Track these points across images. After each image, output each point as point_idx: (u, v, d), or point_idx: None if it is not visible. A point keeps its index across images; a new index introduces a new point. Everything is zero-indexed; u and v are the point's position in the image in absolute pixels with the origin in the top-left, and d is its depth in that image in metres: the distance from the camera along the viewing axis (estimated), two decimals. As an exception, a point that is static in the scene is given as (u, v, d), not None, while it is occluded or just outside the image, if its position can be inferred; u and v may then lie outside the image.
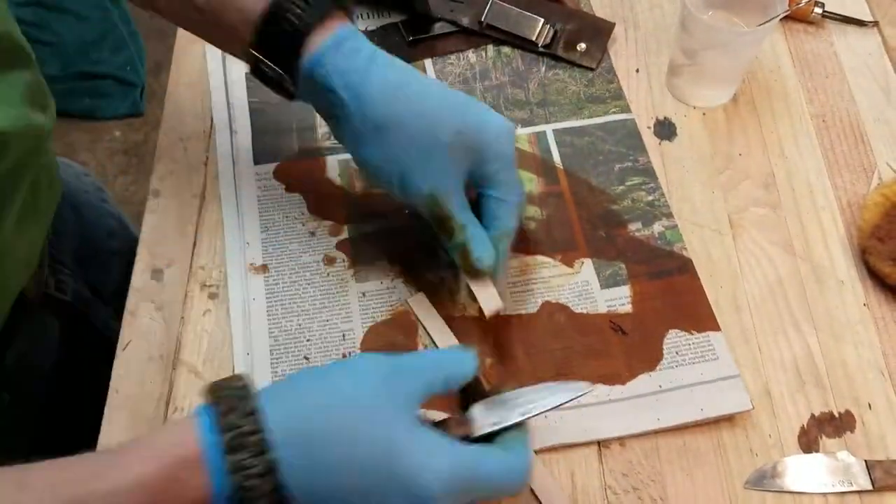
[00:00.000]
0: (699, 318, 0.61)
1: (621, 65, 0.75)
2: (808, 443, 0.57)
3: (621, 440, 0.56)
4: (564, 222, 0.66)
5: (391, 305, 0.61)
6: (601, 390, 0.57)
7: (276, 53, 0.53)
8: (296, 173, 0.68)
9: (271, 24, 0.52)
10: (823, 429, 0.57)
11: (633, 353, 0.59)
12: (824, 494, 0.55)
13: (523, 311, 0.61)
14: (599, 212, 0.66)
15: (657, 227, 0.65)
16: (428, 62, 0.75)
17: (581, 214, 0.66)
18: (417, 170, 0.53)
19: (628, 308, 0.61)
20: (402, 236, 0.64)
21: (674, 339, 0.60)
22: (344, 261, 0.63)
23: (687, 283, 0.63)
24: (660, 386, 0.58)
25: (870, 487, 0.55)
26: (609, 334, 0.60)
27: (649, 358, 0.59)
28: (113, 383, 0.58)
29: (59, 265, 0.70)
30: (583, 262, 0.64)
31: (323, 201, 0.66)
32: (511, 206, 0.56)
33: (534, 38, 0.74)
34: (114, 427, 0.56)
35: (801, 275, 0.64)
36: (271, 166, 0.68)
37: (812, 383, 0.59)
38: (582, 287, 0.62)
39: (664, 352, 0.59)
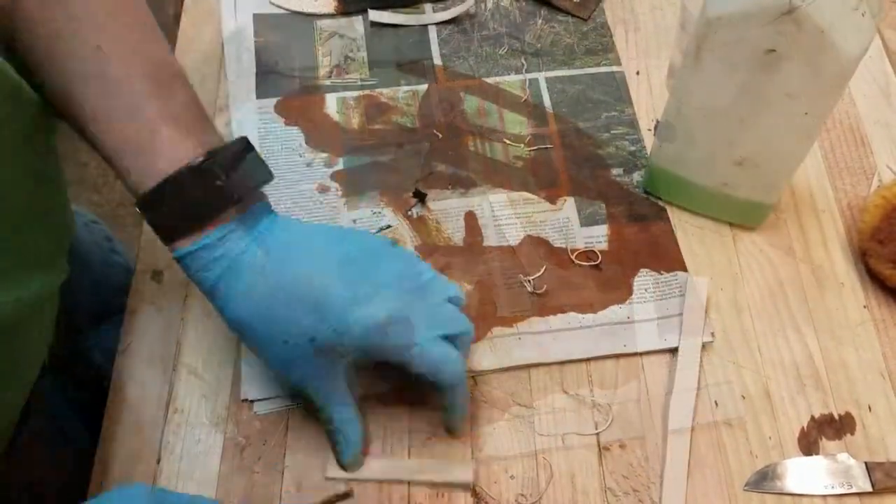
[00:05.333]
0: (669, 259, 0.64)
1: (623, 63, 0.75)
2: (808, 445, 0.57)
3: (621, 442, 0.56)
4: (550, 162, 0.69)
5: (379, 231, 0.65)
6: (573, 317, 0.61)
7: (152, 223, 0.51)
8: (296, 108, 0.71)
9: (148, 209, 0.50)
10: (823, 431, 0.58)
11: (605, 287, 0.63)
12: (824, 496, 0.55)
13: (505, 244, 0.65)
14: (584, 154, 0.70)
15: (636, 177, 0.69)
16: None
17: (567, 155, 0.70)
18: (279, 366, 0.52)
19: (604, 246, 0.65)
20: (391, 169, 0.68)
21: (644, 278, 0.63)
22: (337, 190, 0.67)
23: (660, 228, 0.66)
24: (628, 317, 0.61)
25: (870, 489, 0.55)
26: (584, 269, 0.63)
27: (620, 292, 0.63)
28: (113, 385, 0.58)
29: (74, 331, 0.69)
30: (565, 200, 0.67)
31: (320, 135, 0.70)
32: (434, 375, 0.51)
33: None
34: (114, 428, 0.56)
35: (802, 277, 0.64)
36: (272, 101, 0.72)
37: (812, 385, 0.59)
38: (563, 223, 0.66)
39: (634, 288, 0.63)
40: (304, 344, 0.49)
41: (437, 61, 0.75)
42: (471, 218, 0.66)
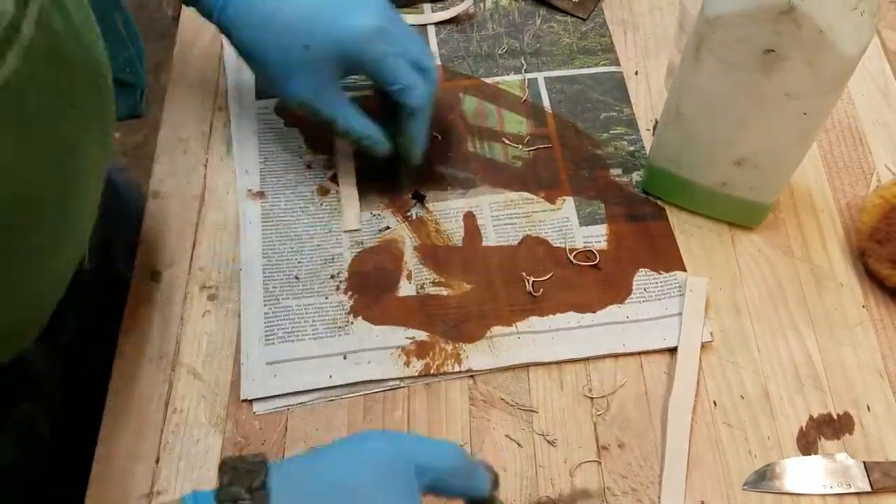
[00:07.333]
0: (668, 259, 0.64)
1: (622, 63, 0.75)
2: (806, 444, 0.57)
3: (620, 442, 0.57)
4: (550, 162, 0.69)
5: (379, 233, 0.65)
6: (572, 317, 0.61)
7: None
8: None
9: None
10: (822, 430, 0.58)
11: (604, 286, 0.63)
12: (822, 496, 0.55)
13: (505, 244, 0.65)
14: (584, 154, 0.70)
15: (635, 176, 0.69)
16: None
17: (566, 155, 0.70)
18: (282, 82, 0.59)
19: (603, 245, 0.65)
20: (390, 170, 0.68)
21: (643, 277, 0.63)
22: (337, 192, 0.67)
23: (659, 228, 0.66)
24: (627, 317, 0.61)
25: (868, 489, 0.55)
26: (583, 268, 0.64)
27: (619, 292, 0.63)
28: (112, 384, 0.58)
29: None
30: (564, 200, 0.67)
31: (320, 136, 0.70)
32: (402, 92, 0.59)
33: None
34: (113, 428, 0.56)
35: (800, 277, 0.64)
36: (272, 101, 0.72)
37: (811, 385, 0.59)
38: (562, 223, 0.66)
39: (633, 287, 0.63)
40: (298, 49, 0.56)
41: (436, 61, 0.75)
42: (470, 218, 0.66)
